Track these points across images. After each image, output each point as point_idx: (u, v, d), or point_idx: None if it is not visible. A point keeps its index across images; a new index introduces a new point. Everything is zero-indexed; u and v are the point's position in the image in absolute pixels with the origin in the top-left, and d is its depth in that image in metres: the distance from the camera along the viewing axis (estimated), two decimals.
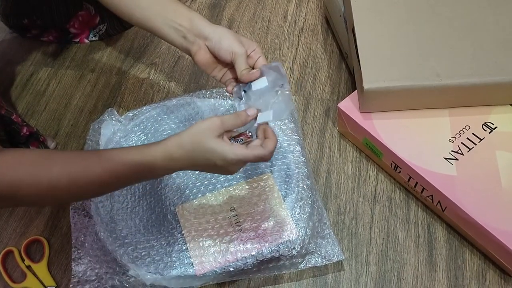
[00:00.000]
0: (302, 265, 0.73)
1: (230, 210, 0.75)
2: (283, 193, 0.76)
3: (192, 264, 0.71)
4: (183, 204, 0.76)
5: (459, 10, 0.82)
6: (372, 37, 0.81)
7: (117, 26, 1.08)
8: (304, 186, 0.76)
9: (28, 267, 0.78)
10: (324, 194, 0.83)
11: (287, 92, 0.64)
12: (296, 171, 0.78)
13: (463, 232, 0.76)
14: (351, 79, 0.98)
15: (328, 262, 0.73)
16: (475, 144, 0.78)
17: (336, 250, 0.73)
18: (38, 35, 1.08)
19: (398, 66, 0.78)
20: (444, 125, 0.80)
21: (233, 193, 0.76)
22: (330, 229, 0.75)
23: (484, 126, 0.80)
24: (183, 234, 0.74)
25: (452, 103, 0.81)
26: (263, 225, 0.73)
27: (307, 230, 0.73)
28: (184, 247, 0.73)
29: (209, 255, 0.71)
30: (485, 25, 0.81)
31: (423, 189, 0.77)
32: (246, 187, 0.76)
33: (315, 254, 0.73)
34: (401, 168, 0.79)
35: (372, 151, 0.83)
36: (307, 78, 0.99)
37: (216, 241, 0.72)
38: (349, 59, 0.95)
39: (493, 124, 0.80)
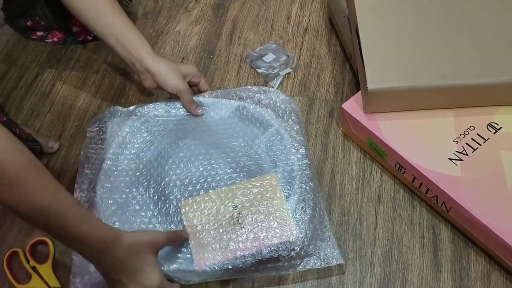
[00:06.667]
0: (301, 267, 0.72)
1: (232, 208, 0.75)
2: (286, 194, 0.76)
3: (193, 260, 0.71)
4: (186, 200, 0.76)
5: (463, 10, 0.82)
6: (376, 38, 0.81)
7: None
8: (307, 188, 0.76)
9: (33, 268, 0.78)
10: (328, 195, 0.83)
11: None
12: (300, 173, 0.78)
13: (468, 233, 0.76)
14: (355, 79, 0.98)
15: (327, 265, 0.73)
16: (480, 145, 0.77)
17: (335, 254, 0.73)
18: (42, 37, 1.08)
19: (402, 67, 0.78)
20: (449, 125, 0.80)
21: (236, 191, 0.76)
22: (330, 232, 0.75)
23: (488, 127, 0.79)
24: (185, 229, 0.74)
25: (456, 104, 0.81)
26: (264, 225, 0.73)
27: (308, 232, 0.72)
28: (185, 242, 0.73)
29: (209, 252, 0.71)
30: (490, 26, 0.80)
31: (428, 189, 0.77)
32: (249, 186, 0.76)
33: (314, 257, 0.73)
34: (405, 169, 0.79)
35: (376, 152, 0.83)
36: (311, 79, 0.99)
37: (217, 238, 0.72)
38: (353, 60, 0.95)
39: (498, 125, 0.79)
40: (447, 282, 0.74)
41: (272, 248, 0.71)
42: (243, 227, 0.73)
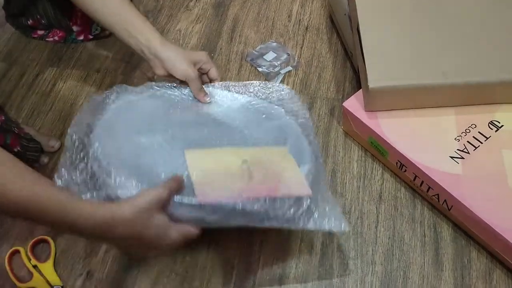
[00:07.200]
0: (305, 224, 0.68)
1: (242, 162, 0.71)
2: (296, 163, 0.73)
3: (195, 194, 0.65)
4: (194, 149, 0.72)
5: (464, 8, 0.82)
6: (377, 36, 0.81)
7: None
8: (316, 160, 0.74)
9: (35, 266, 0.78)
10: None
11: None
12: (310, 148, 0.76)
13: (470, 231, 0.76)
14: (356, 78, 0.98)
15: (332, 229, 0.68)
16: (481, 143, 0.77)
17: (340, 222, 0.69)
18: (43, 36, 1.08)
19: (403, 65, 0.78)
20: (450, 123, 0.80)
21: (248, 151, 0.73)
22: (336, 204, 0.71)
23: (490, 125, 0.79)
24: (190, 177, 0.68)
25: (458, 102, 0.81)
26: (274, 179, 0.69)
27: (317, 195, 0.69)
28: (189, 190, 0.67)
29: (213, 188, 0.66)
30: (491, 24, 0.80)
31: (429, 188, 0.77)
32: (259, 150, 0.74)
33: (320, 219, 0.69)
34: (406, 167, 0.79)
35: (378, 150, 0.83)
36: (312, 77, 0.99)
37: (222, 181, 0.68)
38: (354, 58, 0.95)
39: (499, 123, 0.79)
40: (449, 280, 0.74)
41: (281, 198, 0.66)
42: (252, 177, 0.69)
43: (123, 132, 0.74)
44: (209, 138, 0.77)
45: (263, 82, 0.88)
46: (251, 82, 0.88)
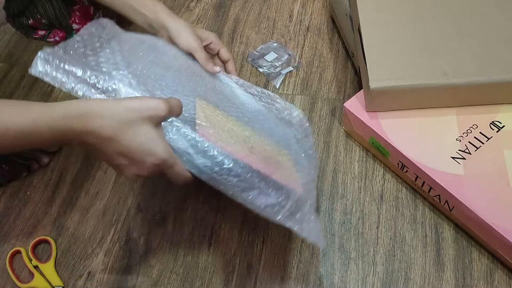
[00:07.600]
0: (284, 219, 0.62)
1: (246, 137, 0.69)
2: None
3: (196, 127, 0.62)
4: (204, 101, 0.70)
5: (466, 8, 0.82)
6: (378, 36, 0.81)
7: (109, 10, 1.07)
8: (312, 181, 0.73)
9: (36, 267, 0.78)
10: (331, 193, 0.83)
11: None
12: (307, 160, 0.75)
13: (471, 232, 0.75)
14: (357, 78, 0.98)
15: (308, 237, 0.63)
16: (483, 143, 0.77)
17: (319, 235, 0.65)
18: (44, 36, 1.08)
19: (404, 65, 0.78)
20: (452, 124, 0.80)
21: (253, 132, 0.71)
22: (319, 221, 0.69)
23: (491, 125, 0.79)
24: (196, 123, 0.65)
25: (459, 102, 0.81)
26: (273, 161, 0.67)
27: (306, 202, 0.66)
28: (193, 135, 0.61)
29: (214, 136, 0.63)
30: (492, 23, 0.80)
31: (430, 188, 0.77)
32: (265, 139, 0.72)
33: (300, 222, 0.64)
34: (408, 168, 0.79)
35: (379, 151, 0.83)
36: (313, 78, 0.99)
37: (225, 136, 0.65)
38: (355, 58, 0.94)
39: (500, 123, 0.79)
40: (450, 281, 0.74)
41: (272, 181, 0.63)
42: (253, 148, 0.66)
43: (138, 53, 0.70)
44: (217, 102, 0.75)
45: (276, 96, 0.82)
46: (266, 92, 0.83)
